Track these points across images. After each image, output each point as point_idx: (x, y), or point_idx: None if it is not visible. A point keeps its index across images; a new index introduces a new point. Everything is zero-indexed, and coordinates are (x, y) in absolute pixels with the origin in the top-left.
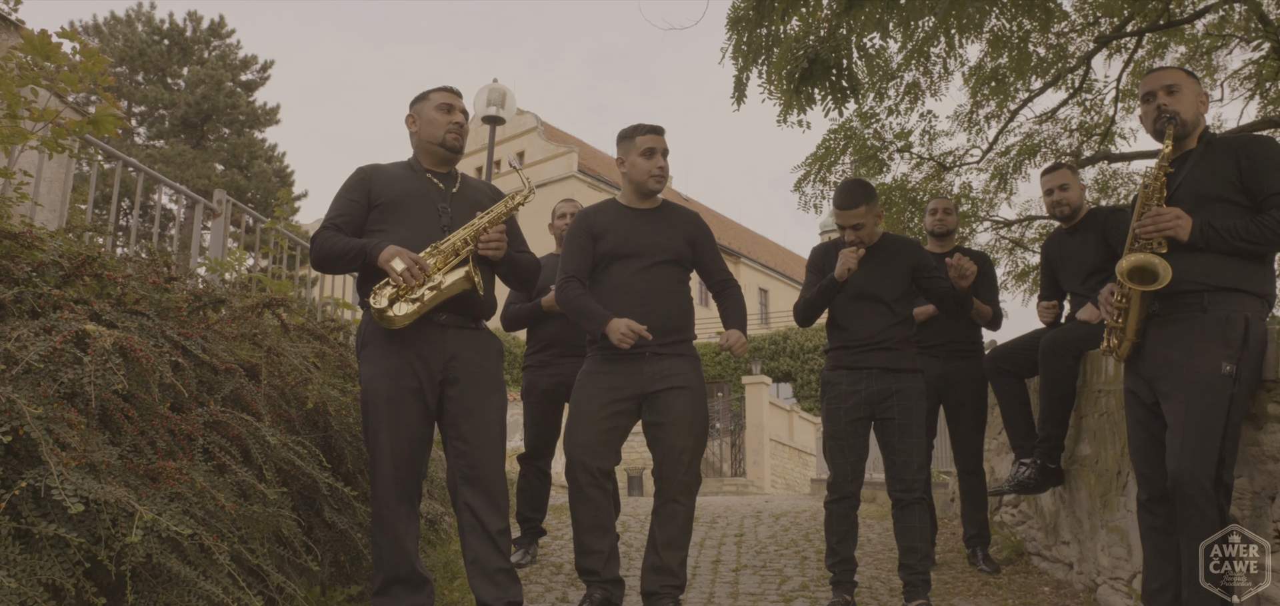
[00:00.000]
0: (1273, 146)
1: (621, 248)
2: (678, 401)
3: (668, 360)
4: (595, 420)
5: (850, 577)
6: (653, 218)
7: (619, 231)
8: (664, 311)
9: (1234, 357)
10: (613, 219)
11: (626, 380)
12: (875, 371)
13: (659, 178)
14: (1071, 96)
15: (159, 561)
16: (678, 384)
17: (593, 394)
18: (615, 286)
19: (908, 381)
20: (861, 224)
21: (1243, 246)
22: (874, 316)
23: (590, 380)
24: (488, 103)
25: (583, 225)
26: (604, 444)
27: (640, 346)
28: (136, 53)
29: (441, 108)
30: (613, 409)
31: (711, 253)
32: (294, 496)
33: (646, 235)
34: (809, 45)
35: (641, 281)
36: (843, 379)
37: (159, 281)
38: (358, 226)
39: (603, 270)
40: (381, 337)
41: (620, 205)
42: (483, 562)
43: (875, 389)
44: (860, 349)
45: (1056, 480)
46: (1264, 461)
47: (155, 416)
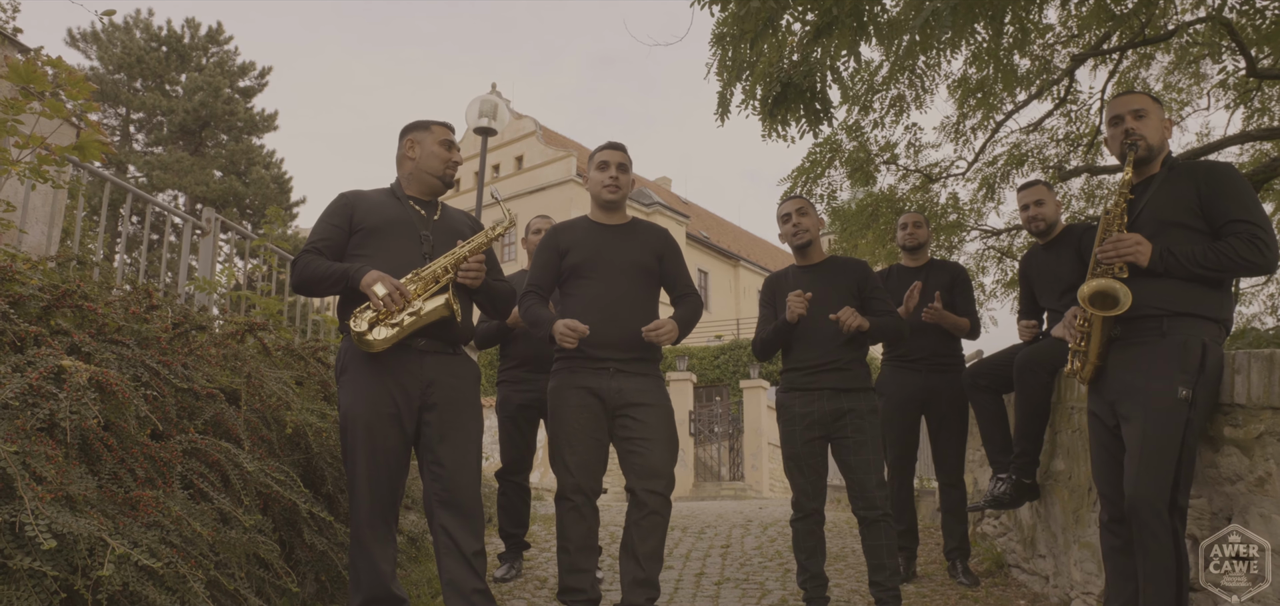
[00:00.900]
0: (1232, 174)
1: (588, 261)
2: (649, 418)
3: (633, 378)
4: (582, 443)
5: (822, 593)
6: (621, 233)
7: (586, 246)
8: (630, 325)
9: (1190, 382)
10: (581, 234)
11: (597, 395)
12: (826, 391)
13: (611, 189)
14: (1057, 107)
15: (135, 589)
16: (646, 401)
17: (574, 412)
18: (583, 300)
19: (859, 400)
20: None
21: (1201, 273)
22: (825, 337)
23: (563, 396)
24: (480, 114)
25: (551, 241)
26: (596, 462)
27: (604, 360)
28: (135, 59)
29: (444, 144)
30: (595, 424)
31: (678, 267)
32: (275, 519)
33: (614, 250)
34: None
35: (608, 295)
36: (795, 401)
37: (139, 312)
38: (339, 251)
39: (571, 284)
40: (361, 362)
41: (590, 221)
42: (459, 584)
43: (827, 409)
44: (810, 371)
45: (1032, 495)
46: (1221, 483)
47: (134, 445)
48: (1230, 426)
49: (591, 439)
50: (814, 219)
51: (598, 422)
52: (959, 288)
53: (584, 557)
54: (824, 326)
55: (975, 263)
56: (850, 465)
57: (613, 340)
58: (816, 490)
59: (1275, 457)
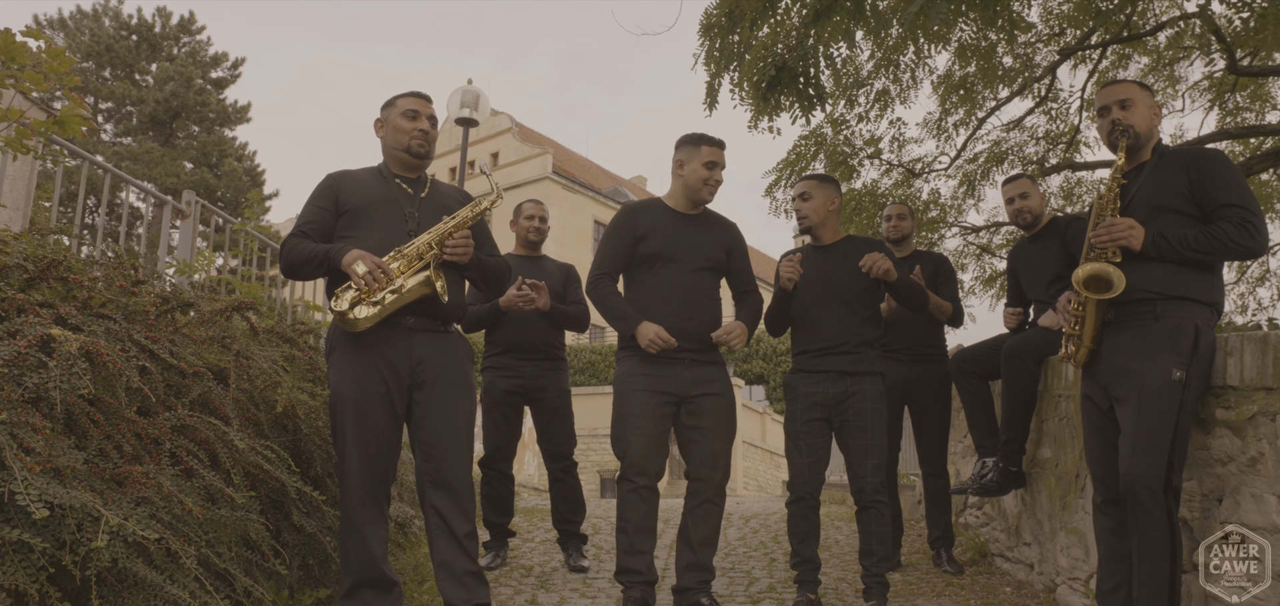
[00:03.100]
0: (1222, 160)
1: (665, 250)
2: (713, 407)
3: (704, 367)
4: (648, 426)
5: (813, 577)
6: (697, 223)
7: (664, 234)
8: (701, 317)
9: (1184, 364)
10: (659, 221)
11: (668, 383)
12: (832, 374)
13: (713, 190)
14: (1037, 105)
15: (124, 565)
16: (713, 390)
17: (640, 397)
18: (656, 288)
19: (865, 384)
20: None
21: (1193, 256)
22: (834, 319)
23: (633, 382)
24: (461, 104)
25: (627, 223)
26: (657, 448)
27: (679, 351)
28: (104, 48)
29: (407, 114)
30: (663, 412)
31: (743, 262)
32: (262, 500)
33: (690, 240)
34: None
35: (682, 286)
36: (801, 382)
37: (126, 285)
38: (326, 233)
39: (645, 271)
40: (349, 342)
41: (667, 208)
42: (450, 565)
43: (832, 391)
44: (819, 353)
45: (1018, 483)
46: (1212, 465)
47: (122, 420)
48: (1222, 408)
49: (656, 425)
50: (817, 203)
51: (664, 410)
52: (942, 277)
53: (642, 539)
54: (834, 309)
55: (955, 259)
56: (850, 447)
57: (687, 332)
58: (814, 473)
59: (1268, 437)
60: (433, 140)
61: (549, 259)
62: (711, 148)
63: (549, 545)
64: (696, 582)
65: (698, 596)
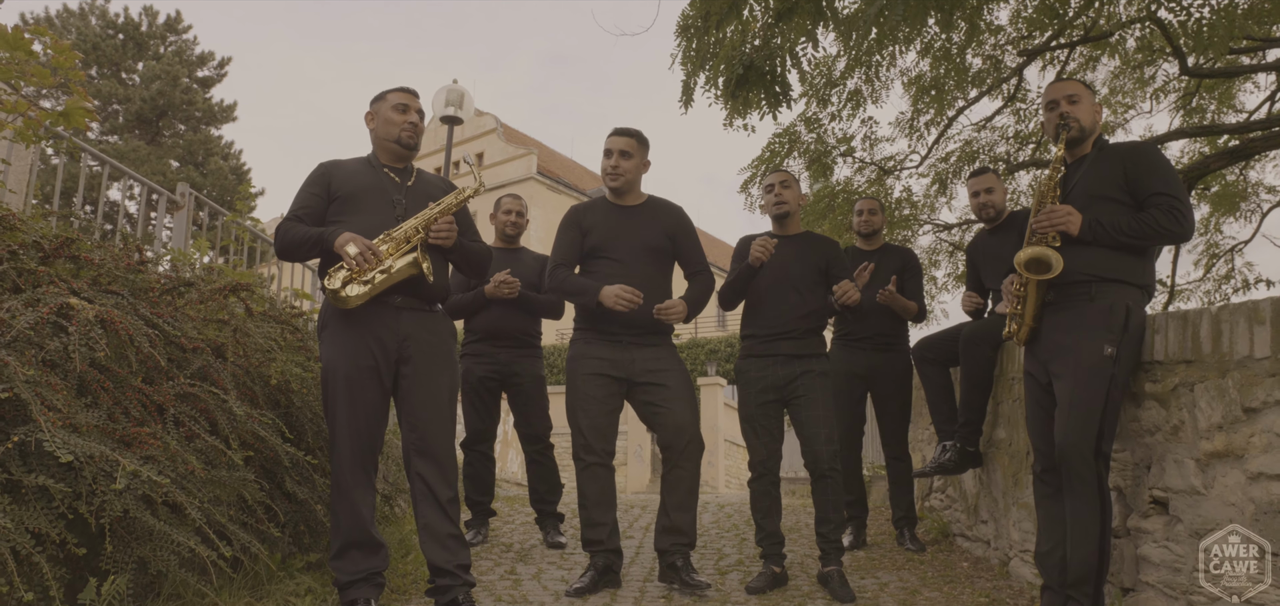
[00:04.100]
0: (1155, 153)
1: (605, 242)
2: (669, 380)
3: (650, 349)
4: (594, 407)
5: (778, 550)
6: (636, 213)
7: (603, 227)
8: (645, 304)
9: (1115, 341)
10: (599, 216)
11: (614, 367)
12: (781, 357)
13: (612, 175)
14: (1006, 105)
15: (135, 516)
16: (664, 367)
17: (589, 379)
18: (600, 279)
19: (812, 364)
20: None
21: (1125, 240)
22: (786, 306)
23: (582, 365)
24: (446, 103)
25: (573, 220)
26: (607, 425)
27: (620, 335)
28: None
29: (397, 107)
30: (608, 391)
31: (691, 245)
32: (257, 468)
33: (628, 230)
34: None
35: (623, 274)
36: (752, 366)
37: (132, 264)
38: (318, 218)
39: (591, 263)
40: (340, 320)
41: (607, 203)
42: (434, 528)
43: (782, 373)
44: (767, 337)
45: (975, 462)
46: (1142, 435)
47: (129, 388)
48: (1150, 383)
49: (603, 405)
50: (795, 193)
51: (610, 390)
52: (909, 272)
53: (600, 511)
54: (786, 297)
55: (928, 256)
56: (801, 421)
57: (628, 319)
58: (771, 452)
59: (1187, 407)
60: (420, 132)
61: (527, 250)
62: (609, 138)
63: (528, 526)
64: (671, 545)
65: (673, 558)
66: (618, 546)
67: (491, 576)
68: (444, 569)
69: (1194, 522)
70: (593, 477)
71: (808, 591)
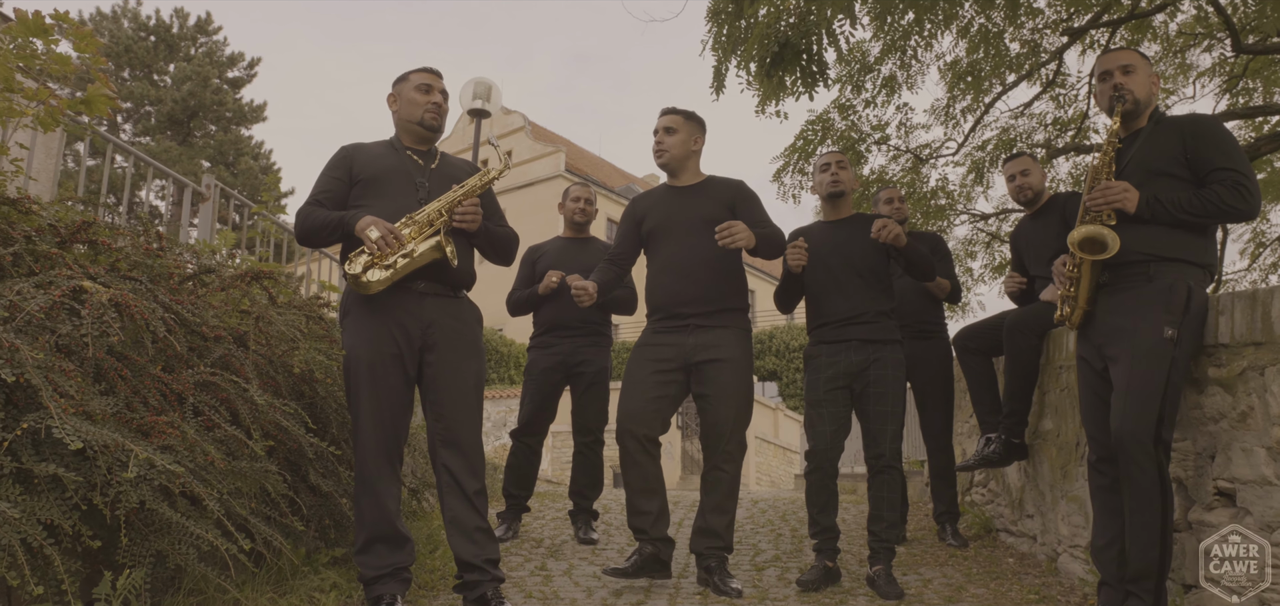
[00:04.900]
0: (1215, 126)
1: (661, 224)
2: (720, 373)
3: (711, 331)
4: (643, 389)
5: (832, 545)
6: (692, 193)
7: (659, 210)
8: (706, 281)
9: (1176, 323)
10: (656, 200)
11: (673, 351)
12: (854, 343)
13: (657, 153)
14: (1045, 90)
15: (152, 507)
16: (720, 356)
17: (641, 363)
18: (661, 261)
19: (886, 351)
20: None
21: (1186, 218)
22: (852, 291)
23: (640, 351)
24: (474, 96)
25: (630, 210)
26: (651, 412)
27: (683, 318)
28: (123, 49)
29: (421, 88)
30: (659, 378)
31: (752, 210)
32: (280, 460)
33: (684, 209)
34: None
35: (682, 253)
36: (822, 352)
37: (151, 249)
38: (340, 202)
39: (650, 247)
40: (362, 306)
41: (665, 187)
42: (460, 522)
43: (854, 360)
44: (840, 324)
45: (1021, 455)
46: (1205, 423)
47: (147, 376)
48: (1214, 367)
49: (648, 390)
50: (851, 175)
51: (661, 377)
52: (938, 256)
53: (643, 499)
54: (852, 280)
55: (963, 247)
56: (868, 414)
57: (690, 296)
58: (834, 442)
59: (1257, 391)
60: (444, 114)
61: (597, 240)
62: (660, 117)
63: (560, 521)
64: (706, 547)
65: (707, 561)
66: (665, 535)
67: (522, 572)
68: (472, 563)
69: (1265, 515)
70: (633, 463)
71: (849, 587)
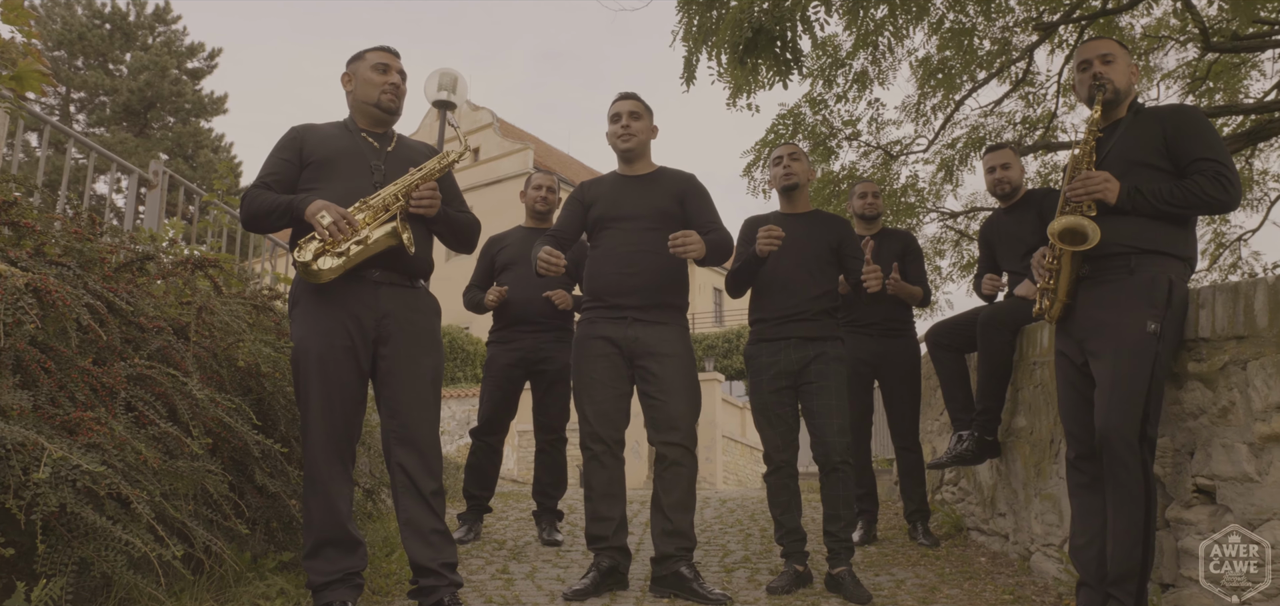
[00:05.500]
0: (1197, 116)
1: (610, 212)
2: (665, 368)
3: (652, 326)
4: (602, 388)
5: (800, 547)
6: (643, 183)
7: (609, 197)
8: (650, 273)
9: (1159, 317)
10: (606, 187)
11: (616, 344)
12: (794, 341)
13: (623, 137)
14: (1014, 88)
15: (74, 511)
16: (664, 351)
17: (593, 360)
18: (605, 250)
19: (826, 347)
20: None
21: (1167, 210)
22: (796, 287)
23: (587, 346)
24: (439, 86)
25: (577, 194)
26: (615, 411)
27: (624, 308)
28: (76, 36)
29: (377, 67)
30: (614, 373)
31: (702, 208)
32: (224, 460)
33: (634, 200)
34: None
35: (629, 244)
36: (763, 351)
37: (82, 232)
38: (288, 185)
39: (596, 235)
40: (313, 295)
41: (615, 174)
42: (416, 523)
43: (794, 357)
44: (779, 320)
45: (993, 452)
46: (1184, 419)
47: (74, 368)
48: (1193, 361)
49: (610, 389)
50: (805, 167)
51: (617, 372)
52: (910, 256)
53: (607, 505)
54: (798, 277)
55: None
56: (812, 410)
57: (631, 288)
58: (787, 442)
59: (1239, 386)
60: (402, 95)
61: None
62: (614, 103)
63: (523, 523)
64: (675, 549)
65: (677, 564)
66: (624, 544)
67: (482, 575)
68: (428, 567)
69: (1246, 512)
70: (599, 468)
71: (820, 589)
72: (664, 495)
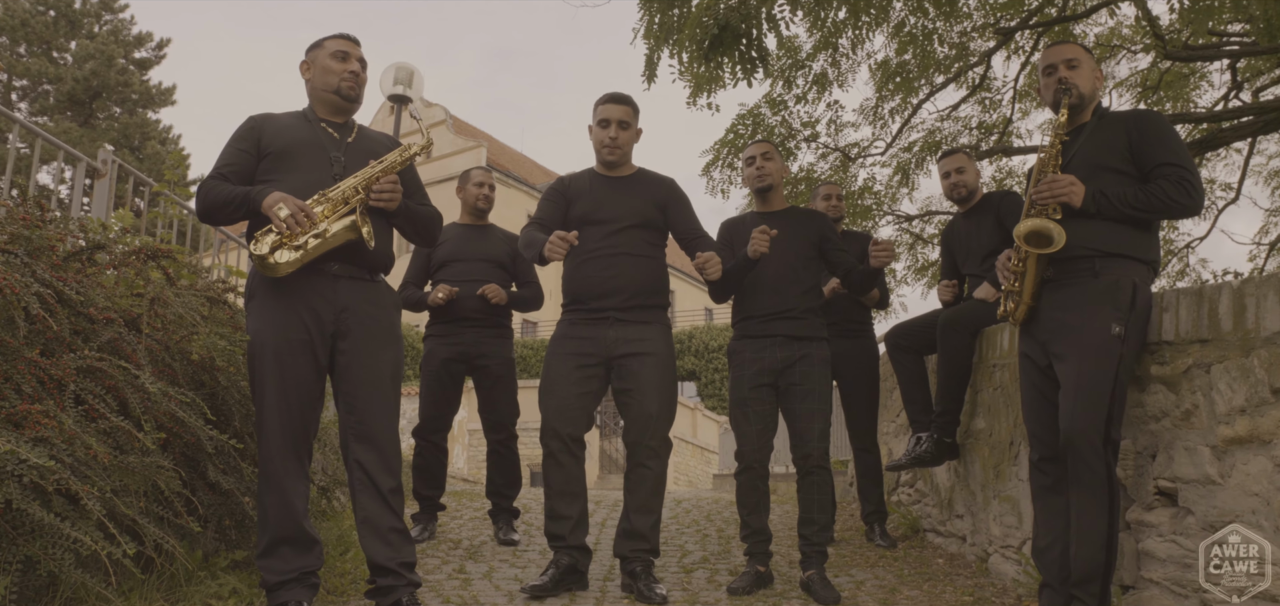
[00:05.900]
0: (1160, 121)
1: (591, 213)
2: (643, 367)
3: (633, 326)
4: (565, 385)
5: (764, 548)
6: (624, 185)
7: (590, 197)
8: (630, 275)
9: (1123, 320)
10: (587, 186)
11: (593, 345)
12: (779, 339)
13: (609, 149)
14: (971, 94)
15: (20, 507)
16: (643, 350)
17: (562, 359)
18: (584, 250)
19: (812, 348)
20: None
21: (1131, 214)
22: (781, 285)
23: (559, 345)
24: (394, 81)
25: (559, 188)
26: (576, 409)
27: (605, 309)
28: (18, 23)
29: (337, 55)
30: (582, 373)
31: (684, 215)
32: (176, 456)
33: (615, 201)
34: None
35: (608, 245)
36: (746, 348)
37: (30, 219)
38: (246, 176)
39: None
40: (270, 288)
41: (595, 173)
42: (374, 521)
43: (778, 356)
44: (765, 318)
45: (952, 454)
46: (1146, 421)
47: (21, 360)
48: (1157, 365)
49: (573, 386)
50: (778, 165)
51: (584, 372)
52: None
53: (564, 504)
54: (780, 274)
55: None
56: (795, 413)
57: (612, 289)
58: (762, 442)
59: (1202, 389)
60: (362, 84)
61: (497, 228)
62: (601, 106)
63: (479, 522)
64: (631, 551)
65: (632, 565)
66: (583, 543)
67: (439, 575)
68: (385, 566)
69: (1208, 515)
70: (556, 466)
71: (781, 590)
72: (629, 496)
